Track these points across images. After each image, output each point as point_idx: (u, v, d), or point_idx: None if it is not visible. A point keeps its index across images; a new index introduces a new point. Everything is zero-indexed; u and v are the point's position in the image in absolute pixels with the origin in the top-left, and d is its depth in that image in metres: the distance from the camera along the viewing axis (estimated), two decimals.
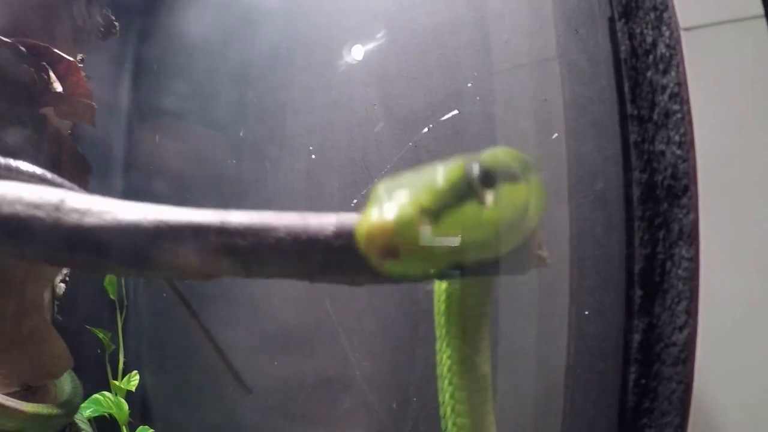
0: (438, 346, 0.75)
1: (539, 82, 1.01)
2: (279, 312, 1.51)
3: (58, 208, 0.55)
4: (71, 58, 1.11)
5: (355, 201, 1.30)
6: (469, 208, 0.46)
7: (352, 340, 1.32)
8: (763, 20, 0.64)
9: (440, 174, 0.46)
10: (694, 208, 0.66)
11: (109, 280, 2.16)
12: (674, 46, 0.70)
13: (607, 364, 0.77)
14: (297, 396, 1.49)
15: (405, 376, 1.19)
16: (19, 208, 0.55)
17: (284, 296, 1.43)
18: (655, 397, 0.72)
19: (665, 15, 0.71)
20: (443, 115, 1.16)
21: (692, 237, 0.66)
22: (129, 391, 1.91)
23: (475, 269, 0.53)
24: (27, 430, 1.04)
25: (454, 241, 0.45)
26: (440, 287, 0.72)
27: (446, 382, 0.71)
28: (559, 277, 0.80)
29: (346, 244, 0.49)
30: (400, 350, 1.21)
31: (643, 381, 0.73)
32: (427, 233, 0.43)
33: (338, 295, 1.24)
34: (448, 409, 0.71)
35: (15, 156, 0.99)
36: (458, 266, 0.51)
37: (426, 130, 1.19)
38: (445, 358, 0.73)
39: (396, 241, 0.42)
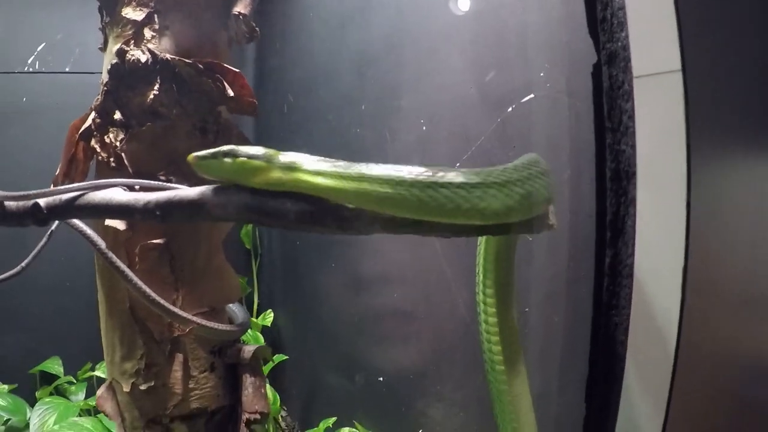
0: (477, 297, 1.16)
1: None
2: (396, 251, 1.83)
3: None
4: (236, 70, 1.37)
5: (458, 165, 1.54)
6: (216, 161, 0.97)
7: (455, 272, 1.61)
8: (680, 73, 1.06)
9: (216, 149, 0.98)
10: (636, 185, 1.11)
11: (245, 231, 2.43)
12: (631, 85, 1.12)
13: (589, 277, 1.20)
14: (409, 324, 1.77)
15: None
16: None
17: (403, 240, 1.64)
18: (618, 297, 1.14)
19: (629, 65, 1.13)
20: (522, 98, 1.41)
21: (634, 202, 1.11)
22: (264, 327, 2.20)
23: (501, 228, 1.00)
24: (220, 337, 1.42)
25: (210, 170, 0.99)
26: (480, 247, 1.14)
27: (484, 325, 1.15)
28: (562, 224, 1.25)
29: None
30: None
31: (611, 287, 1.14)
32: (196, 164, 0.99)
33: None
34: (487, 354, 1.15)
35: (203, 141, 1.41)
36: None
37: (510, 109, 1.43)
38: (483, 306, 1.14)
39: (189, 162, 0.99)
